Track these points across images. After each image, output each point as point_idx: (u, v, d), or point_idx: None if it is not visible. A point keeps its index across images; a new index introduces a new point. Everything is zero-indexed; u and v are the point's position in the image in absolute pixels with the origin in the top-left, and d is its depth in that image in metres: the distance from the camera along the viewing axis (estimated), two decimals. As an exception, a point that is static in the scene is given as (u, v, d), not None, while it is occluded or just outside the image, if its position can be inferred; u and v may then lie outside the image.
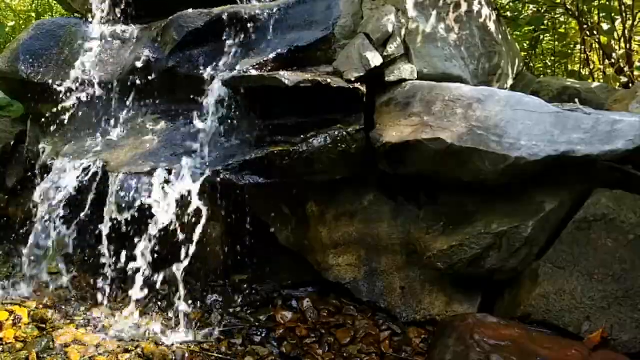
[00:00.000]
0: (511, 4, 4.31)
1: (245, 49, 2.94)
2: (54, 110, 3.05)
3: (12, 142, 3.20)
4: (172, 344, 2.38)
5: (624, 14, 3.63)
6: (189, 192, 2.50)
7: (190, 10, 3.00)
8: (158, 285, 2.58)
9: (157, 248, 2.53)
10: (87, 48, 3.08)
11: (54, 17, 4.28)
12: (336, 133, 2.52)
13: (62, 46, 3.14)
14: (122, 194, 2.63)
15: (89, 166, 2.71)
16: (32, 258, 2.82)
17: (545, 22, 4.24)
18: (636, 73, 3.60)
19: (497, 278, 2.43)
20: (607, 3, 3.67)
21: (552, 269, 2.29)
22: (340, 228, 2.74)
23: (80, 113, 3.03)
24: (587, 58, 4.23)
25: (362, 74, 2.60)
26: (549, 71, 4.64)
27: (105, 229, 2.63)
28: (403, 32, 2.76)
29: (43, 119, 3.13)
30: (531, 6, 4.26)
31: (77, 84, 3.04)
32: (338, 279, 2.76)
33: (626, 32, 3.63)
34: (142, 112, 3.01)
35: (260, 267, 2.94)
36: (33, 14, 4.61)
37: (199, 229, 2.50)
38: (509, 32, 3.61)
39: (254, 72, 2.66)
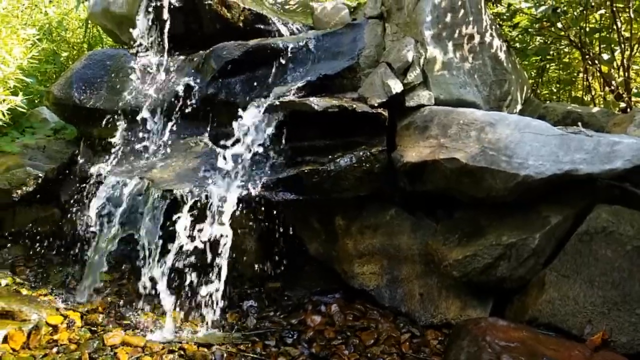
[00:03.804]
0: (520, 35, 4.35)
1: (278, 77, 3.10)
2: (104, 132, 3.22)
3: (66, 162, 3.37)
4: (212, 345, 2.53)
5: (623, 45, 3.72)
6: (228, 208, 2.62)
7: (228, 42, 3.17)
8: (199, 292, 2.71)
9: (198, 259, 2.70)
10: (133, 76, 3.24)
11: (104, 48, 4.48)
12: (361, 153, 2.69)
13: (112, 75, 3.29)
14: (166, 209, 2.80)
15: (137, 183, 2.85)
16: (84, 267, 2.97)
17: (551, 52, 4.31)
18: (634, 99, 3.69)
19: (507, 285, 2.55)
20: (607, 35, 3.76)
21: (557, 277, 2.41)
22: (365, 240, 2.90)
23: (127, 135, 3.19)
24: (589, 85, 4.27)
25: (384, 100, 2.77)
26: (554, 97, 4.65)
27: (152, 241, 2.80)
28: (422, 61, 2.91)
29: (94, 141, 3.32)
30: (538, 38, 4.32)
31: (125, 109, 3.19)
32: (363, 286, 2.91)
33: (624, 61, 3.71)
34: (184, 135, 3.15)
35: (291, 276, 3.09)
36: (85, 45, 4.79)
37: (237, 242, 2.66)
38: (518, 62, 3.70)
39: (286, 98, 2.81)
